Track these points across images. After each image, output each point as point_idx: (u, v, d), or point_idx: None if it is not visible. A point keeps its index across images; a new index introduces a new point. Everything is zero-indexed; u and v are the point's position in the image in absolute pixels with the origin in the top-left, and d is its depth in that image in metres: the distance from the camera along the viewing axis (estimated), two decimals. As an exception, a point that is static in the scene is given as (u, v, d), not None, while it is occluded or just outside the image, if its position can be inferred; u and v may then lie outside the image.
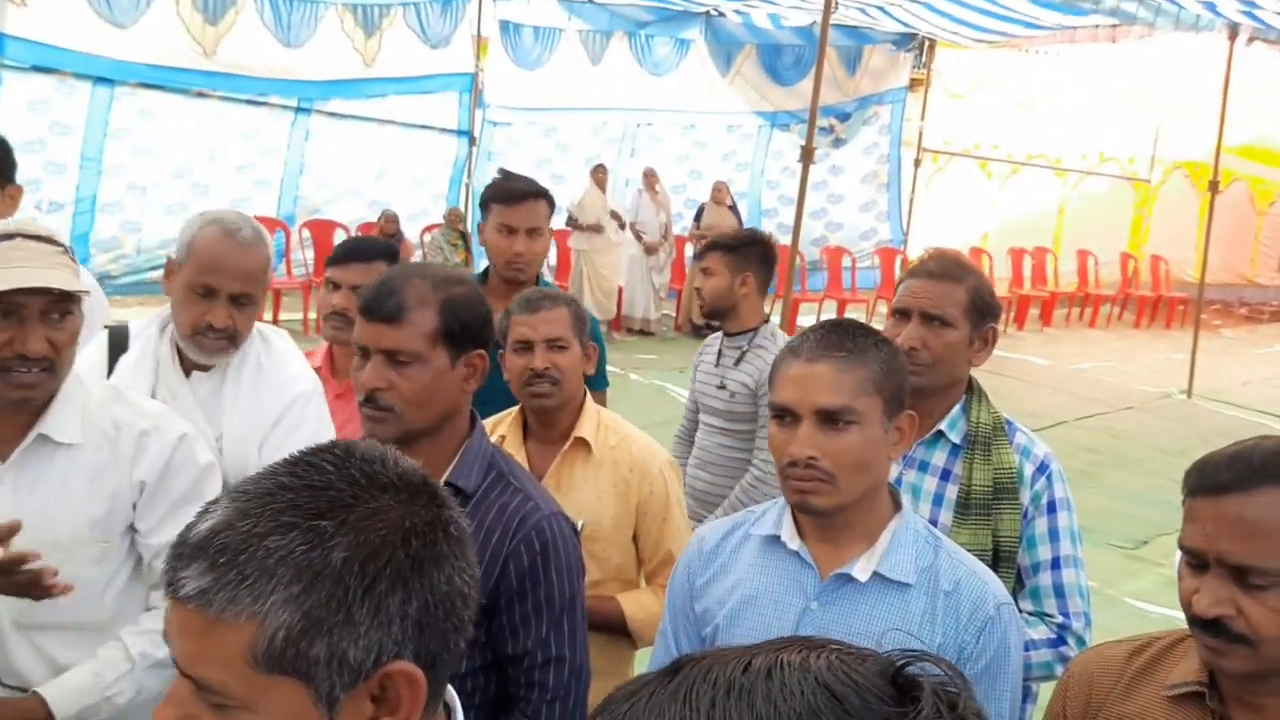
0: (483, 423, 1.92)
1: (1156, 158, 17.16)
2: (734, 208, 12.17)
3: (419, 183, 12.03)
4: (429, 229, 11.55)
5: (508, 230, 3.06)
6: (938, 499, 2.19)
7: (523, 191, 3.10)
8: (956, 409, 2.23)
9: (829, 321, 1.74)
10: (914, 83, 14.99)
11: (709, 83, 13.49)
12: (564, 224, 10.78)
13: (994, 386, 2.49)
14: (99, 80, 9.85)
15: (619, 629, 2.47)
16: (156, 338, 2.29)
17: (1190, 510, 1.37)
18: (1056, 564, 2.12)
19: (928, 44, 14.60)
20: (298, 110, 11.02)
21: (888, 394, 1.65)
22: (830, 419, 1.61)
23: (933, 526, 1.78)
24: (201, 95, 10.41)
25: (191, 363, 2.27)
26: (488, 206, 3.12)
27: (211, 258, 2.17)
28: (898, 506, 1.72)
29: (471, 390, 1.83)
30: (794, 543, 1.70)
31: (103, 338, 2.39)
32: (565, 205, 10.72)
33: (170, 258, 2.26)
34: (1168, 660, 1.50)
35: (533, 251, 3.08)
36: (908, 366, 1.77)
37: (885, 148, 15.05)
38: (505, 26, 12.00)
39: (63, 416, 1.84)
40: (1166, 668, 1.49)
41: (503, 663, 1.81)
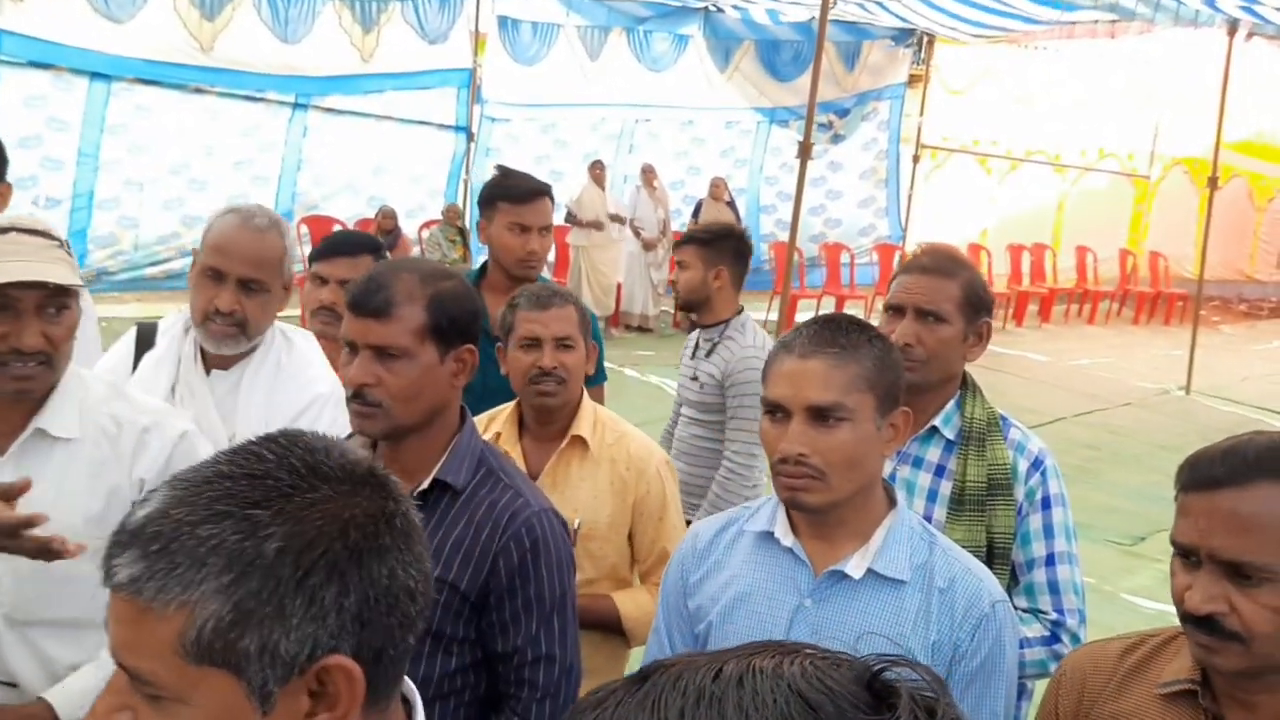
0: (475, 419, 1.91)
1: (1155, 154, 17.16)
2: (732, 204, 12.14)
3: (417, 179, 12.02)
4: (427, 225, 11.54)
5: (520, 229, 3.04)
6: (932, 495, 2.18)
7: (534, 190, 3.10)
8: (951, 404, 2.21)
9: (823, 317, 1.72)
10: (913, 78, 14.99)
11: (707, 78, 13.48)
12: (563, 220, 10.77)
13: (993, 383, 2.48)
14: (96, 76, 9.83)
15: (614, 628, 2.46)
16: (181, 335, 2.31)
17: (1183, 505, 1.36)
18: (1051, 560, 2.11)
19: (926, 40, 14.59)
20: (295, 106, 11.01)
21: (881, 390, 1.63)
22: (821, 416, 1.60)
23: (927, 523, 1.77)
24: (199, 91, 10.40)
25: (213, 361, 2.27)
26: (493, 204, 3.08)
27: (221, 240, 2.21)
28: (893, 503, 1.70)
29: (461, 386, 1.81)
30: (788, 539, 1.69)
31: (130, 333, 2.42)
32: (564, 202, 10.71)
33: (195, 249, 2.31)
34: (1160, 658, 1.48)
35: (545, 248, 3.10)
36: (903, 362, 1.76)
37: (884, 144, 15.05)
38: (503, 22, 11.98)
39: (60, 411, 1.83)
40: (1159, 666, 1.47)
41: (492, 660, 1.79)
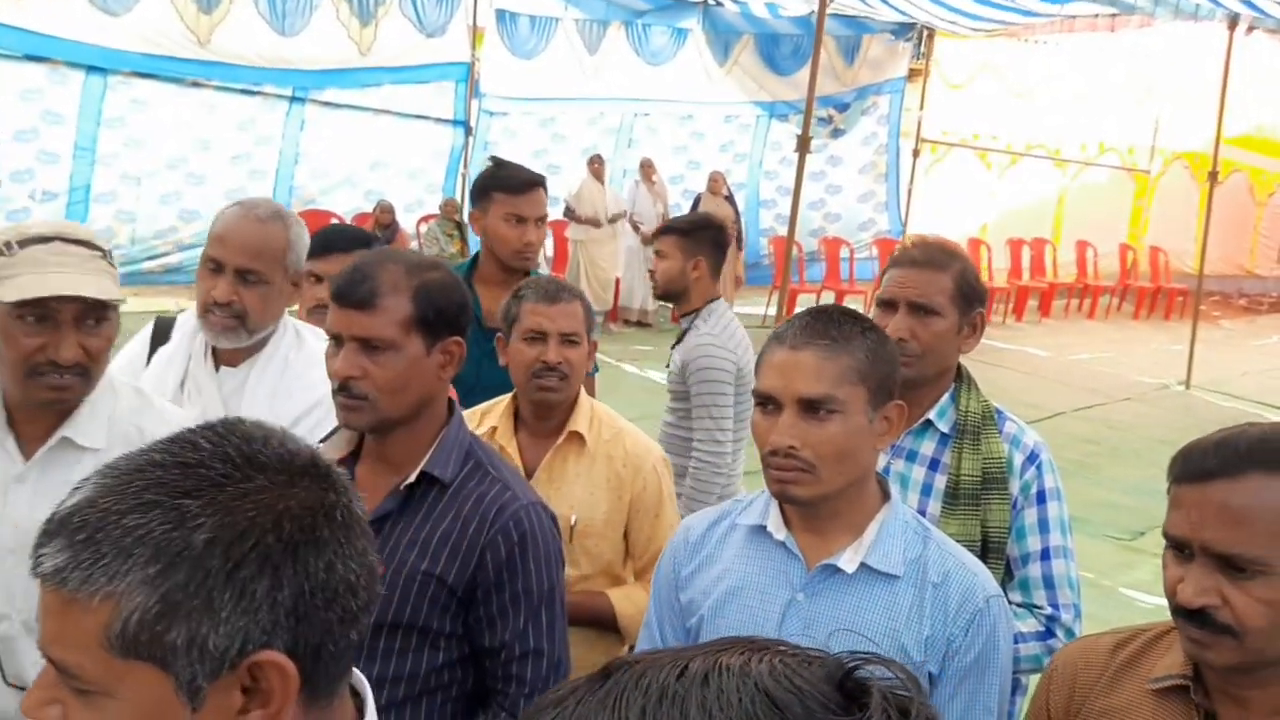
0: (465, 412, 1.89)
1: (1156, 148, 17.14)
2: (730, 198, 12.12)
3: (414, 173, 12.00)
4: (425, 219, 11.52)
5: (516, 219, 3.04)
6: (926, 489, 2.16)
7: (529, 180, 3.10)
8: (945, 398, 2.19)
9: (817, 308, 1.70)
10: (912, 73, 14.96)
11: (706, 73, 13.44)
12: (562, 214, 10.75)
13: (992, 377, 2.47)
14: (92, 69, 9.82)
15: (609, 625, 2.44)
16: (193, 331, 2.32)
17: (1175, 497, 1.34)
18: (1046, 555, 2.09)
19: (926, 33, 14.57)
20: (292, 100, 10.98)
21: (873, 383, 1.61)
22: (811, 408, 1.58)
23: (921, 517, 1.75)
24: (196, 84, 10.38)
25: (223, 358, 2.28)
26: (488, 195, 3.07)
27: (222, 230, 2.22)
28: (886, 497, 1.69)
29: (448, 378, 1.79)
30: (780, 533, 1.67)
31: (147, 328, 2.43)
32: (563, 196, 10.68)
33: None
34: (1153, 653, 1.46)
35: (540, 239, 3.12)
36: (898, 355, 1.74)
37: (883, 138, 15.03)
38: (501, 16, 11.95)
39: (89, 421, 1.83)
40: (1151, 660, 1.46)
41: (480, 655, 1.78)
